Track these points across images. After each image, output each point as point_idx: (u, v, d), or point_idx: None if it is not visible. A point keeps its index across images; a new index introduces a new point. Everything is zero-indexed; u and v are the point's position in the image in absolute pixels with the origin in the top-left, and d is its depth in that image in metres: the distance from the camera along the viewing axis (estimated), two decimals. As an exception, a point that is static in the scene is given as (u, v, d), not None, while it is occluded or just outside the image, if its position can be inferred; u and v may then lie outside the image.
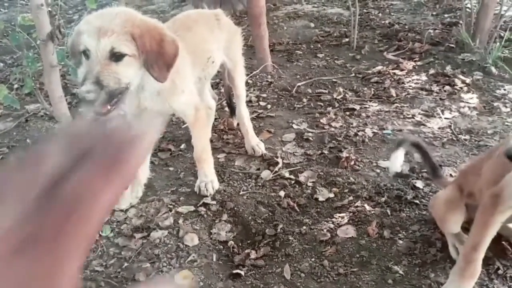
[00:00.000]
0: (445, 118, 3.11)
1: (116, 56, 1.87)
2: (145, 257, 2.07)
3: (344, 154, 2.68)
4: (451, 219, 1.98)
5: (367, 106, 3.32)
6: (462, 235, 1.97)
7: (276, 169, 2.63)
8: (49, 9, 3.28)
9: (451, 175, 2.46)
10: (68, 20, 5.45)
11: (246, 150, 2.82)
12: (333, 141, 2.87)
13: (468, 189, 1.95)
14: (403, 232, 2.14)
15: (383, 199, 2.36)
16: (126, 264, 2.04)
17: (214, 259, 2.09)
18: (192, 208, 2.35)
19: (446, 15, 5.00)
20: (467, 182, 1.97)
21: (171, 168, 2.72)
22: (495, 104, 3.25)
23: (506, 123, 3.01)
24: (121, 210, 2.35)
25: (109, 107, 1.91)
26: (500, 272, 1.88)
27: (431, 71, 3.75)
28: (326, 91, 3.56)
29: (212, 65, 2.52)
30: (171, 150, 2.90)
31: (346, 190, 2.45)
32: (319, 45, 4.47)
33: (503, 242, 1.99)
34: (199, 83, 2.46)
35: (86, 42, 1.85)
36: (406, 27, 4.69)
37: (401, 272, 1.93)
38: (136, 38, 1.89)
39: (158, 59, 1.96)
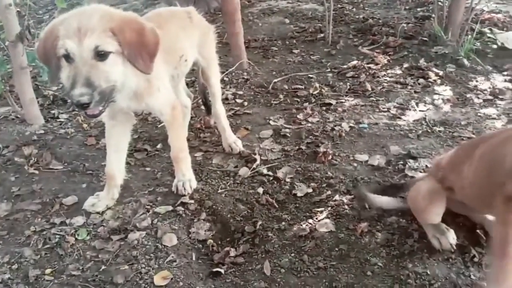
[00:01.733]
0: (419, 110, 3.16)
1: (100, 55, 1.83)
2: (123, 259, 2.03)
3: (322, 149, 2.69)
4: (433, 211, 2.00)
5: (343, 100, 3.34)
6: (441, 225, 1.99)
7: (254, 166, 2.63)
8: (18, 9, 3.21)
9: (426, 166, 2.49)
10: (38, 20, 5.34)
11: (224, 148, 2.80)
12: (310, 137, 2.88)
13: (447, 184, 1.96)
14: (381, 224, 2.16)
15: (360, 192, 2.38)
16: (103, 267, 2.00)
17: (194, 259, 2.08)
18: (170, 208, 2.33)
19: (418, 9, 5.07)
20: (446, 177, 1.98)
21: (147, 168, 2.68)
22: (468, 95, 3.31)
23: (479, 114, 3.06)
24: (97, 213, 2.30)
25: (101, 108, 1.87)
26: (475, 260, 1.91)
27: (405, 65, 3.80)
28: (302, 87, 3.57)
29: (184, 63, 2.49)
30: (147, 150, 2.86)
31: (324, 185, 2.46)
32: (294, 41, 4.49)
33: (478, 231, 2.02)
34: (172, 81, 2.44)
35: (68, 45, 1.79)
36: (380, 21, 4.75)
37: (379, 263, 1.95)
38: (117, 33, 1.85)
39: (142, 51, 1.93)
